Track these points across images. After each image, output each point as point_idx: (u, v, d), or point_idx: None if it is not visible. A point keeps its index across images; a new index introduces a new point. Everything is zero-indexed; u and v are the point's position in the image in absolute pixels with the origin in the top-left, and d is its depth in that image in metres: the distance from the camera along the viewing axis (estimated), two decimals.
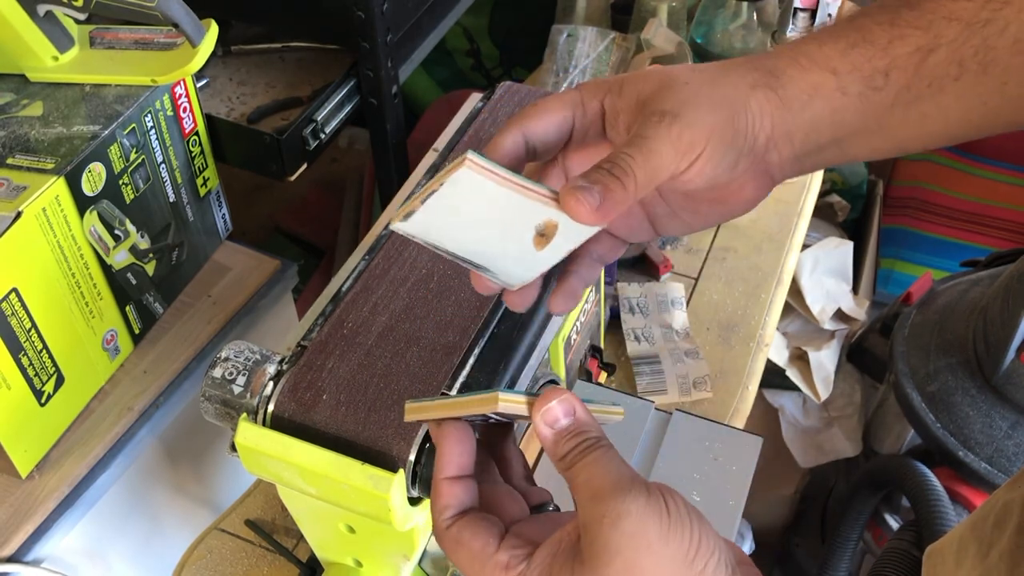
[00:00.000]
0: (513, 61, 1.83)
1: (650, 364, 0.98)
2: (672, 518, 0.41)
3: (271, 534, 0.84)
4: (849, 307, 1.60)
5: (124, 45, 1.01)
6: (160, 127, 1.00)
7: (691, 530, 0.41)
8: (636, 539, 0.40)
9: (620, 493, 0.41)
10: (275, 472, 0.60)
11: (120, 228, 0.97)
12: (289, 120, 1.18)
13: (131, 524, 1.05)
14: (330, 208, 1.81)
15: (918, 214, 1.86)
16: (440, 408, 0.46)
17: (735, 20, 1.26)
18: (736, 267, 1.09)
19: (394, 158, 1.30)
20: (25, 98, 0.97)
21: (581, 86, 0.50)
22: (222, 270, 1.14)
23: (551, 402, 0.44)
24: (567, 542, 0.42)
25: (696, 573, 0.40)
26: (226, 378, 0.62)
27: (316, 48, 1.29)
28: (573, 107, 0.49)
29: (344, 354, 0.62)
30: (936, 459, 1.30)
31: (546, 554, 0.43)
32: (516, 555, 0.43)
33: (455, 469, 0.46)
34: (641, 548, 0.40)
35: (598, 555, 0.40)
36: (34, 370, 0.88)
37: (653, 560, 0.40)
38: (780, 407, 1.63)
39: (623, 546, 0.40)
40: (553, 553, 0.42)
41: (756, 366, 0.99)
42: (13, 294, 0.84)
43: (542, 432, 0.44)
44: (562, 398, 0.44)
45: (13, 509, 0.91)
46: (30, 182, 0.86)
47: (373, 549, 0.68)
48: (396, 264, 0.68)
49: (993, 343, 1.23)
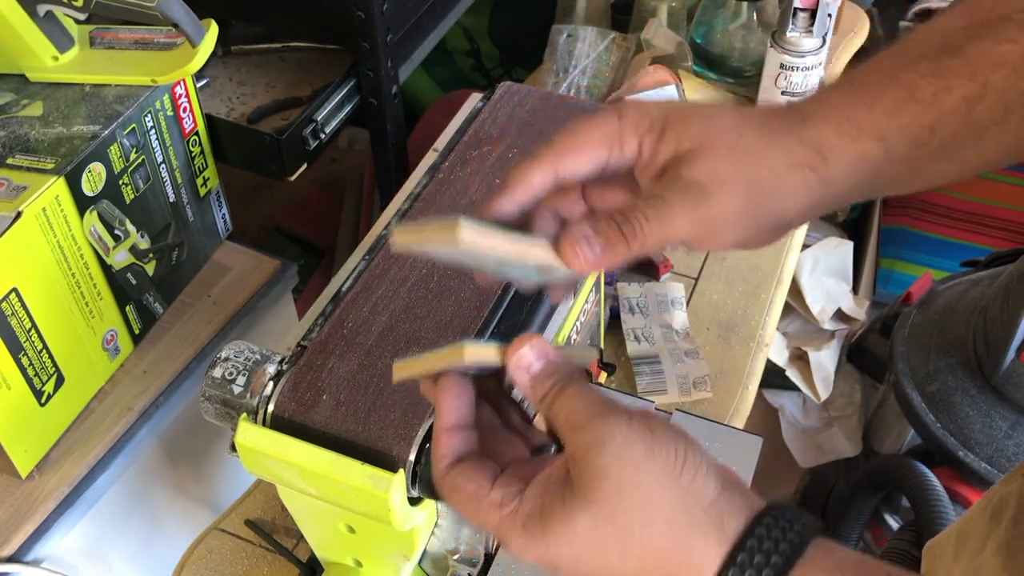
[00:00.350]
0: (513, 61, 1.83)
1: (650, 364, 0.98)
2: (656, 435, 0.41)
3: (271, 534, 0.84)
4: (849, 307, 1.60)
5: (124, 45, 1.01)
6: (160, 127, 1.00)
7: (676, 445, 0.41)
8: (622, 459, 0.40)
9: (601, 419, 0.41)
10: (275, 472, 0.60)
11: (120, 228, 0.97)
12: (289, 120, 1.18)
13: (131, 524, 1.05)
14: (330, 208, 1.81)
15: (918, 214, 1.86)
16: (418, 364, 0.47)
17: (735, 20, 1.26)
18: (736, 267, 1.09)
19: (394, 158, 1.30)
20: (25, 98, 0.97)
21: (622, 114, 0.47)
22: (222, 270, 1.14)
23: (523, 347, 0.44)
24: (557, 475, 0.43)
25: (684, 486, 0.40)
26: (226, 378, 0.62)
27: (316, 48, 1.29)
28: (610, 145, 0.46)
29: (344, 354, 0.62)
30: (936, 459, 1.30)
31: (537, 488, 0.43)
32: (509, 492, 0.44)
33: (454, 419, 0.47)
34: (628, 467, 0.40)
35: (587, 481, 0.41)
36: (34, 370, 0.88)
37: (641, 476, 0.40)
38: (780, 407, 1.63)
39: (610, 467, 0.40)
40: (544, 486, 0.43)
41: (756, 366, 0.99)
42: (13, 294, 0.84)
43: (519, 378, 0.45)
44: (533, 343, 0.44)
45: (13, 509, 0.91)
46: (30, 182, 0.86)
47: (373, 549, 0.68)
48: (396, 264, 0.68)
49: (993, 343, 1.23)
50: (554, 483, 0.43)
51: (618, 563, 0.41)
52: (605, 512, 0.40)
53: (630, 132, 0.46)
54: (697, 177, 0.44)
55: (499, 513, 0.43)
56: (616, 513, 0.40)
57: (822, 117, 0.46)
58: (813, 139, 0.45)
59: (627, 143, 0.46)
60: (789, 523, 0.40)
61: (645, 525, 0.40)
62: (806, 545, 0.40)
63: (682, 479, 0.40)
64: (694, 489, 0.40)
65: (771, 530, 0.40)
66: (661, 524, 0.40)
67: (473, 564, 0.70)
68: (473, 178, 0.75)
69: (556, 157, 0.46)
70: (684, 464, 0.41)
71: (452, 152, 0.78)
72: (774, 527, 0.40)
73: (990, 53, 0.44)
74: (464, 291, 0.66)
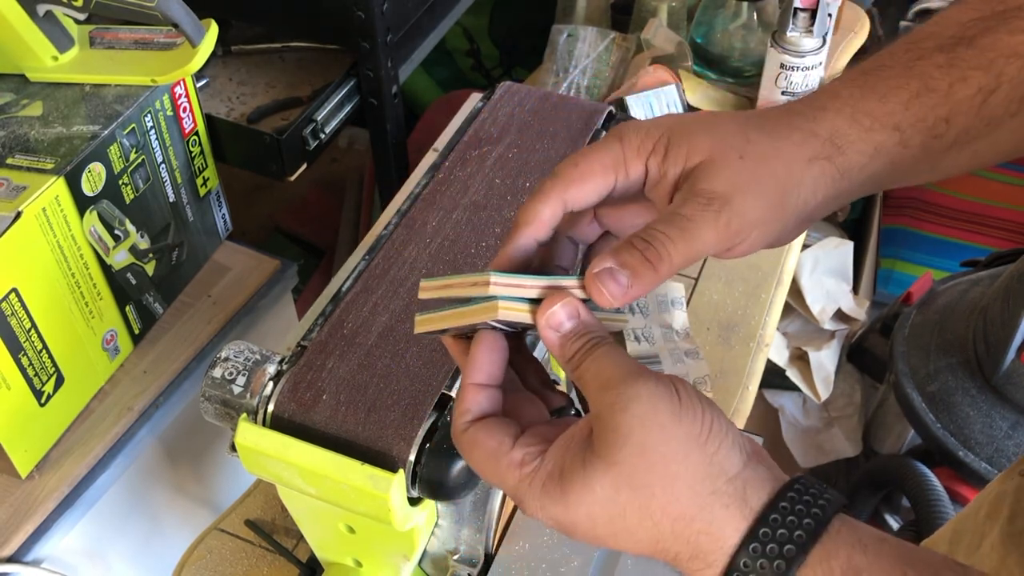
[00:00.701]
0: (513, 61, 1.83)
1: (650, 364, 0.98)
2: (683, 400, 0.40)
3: (271, 534, 0.84)
4: (849, 307, 1.60)
5: (124, 45, 1.01)
6: (160, 127, 1.00)
7: (703, 412, 0.40)
8: (647, 422, 0.39)
9: (629, 379, 0.40)
10: (275, 472, 0.60)
11: (120, 228, 0.97)
12: (289, 120, 1.18)
13: (131, 524, 1.05)
14: (330, 208, 1.81)
15: (918, 214, 1.86)
16: (445, 319, 0.46)
17: (735, 20, 1.26)
18: (736, 267, 1.09)
19: (394, 158, 1.30)
20: (25, 98, 0.97)
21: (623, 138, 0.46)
22: (222, 270, 1.14)
23: (555, 306, 0.43)
24: (579, 436, 0.42)
25: (709, 454, 0.40)
26: (226, 378, 0.62)
27: (316, 48, 1.29)
28: (616, 170, 0.46)
29: (344, 354, 0.62)
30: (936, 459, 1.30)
31: (558, 449, 0.42)
32: (530, 452, 0.43)
33: (484, 377, 0.46)
34: (653, 429, 0.39)
35: (609, 442, 0.40)
36: (34, 370, 0.88)
37: (665, 440, 0.39)
38: (780, 407, 1.63)
39: (634, 428, 0.39)
40: (565, 447, 0.42)
41: (756, 366, 0.99)
42: (13, 294, 0.84)
43: (548, 336, 0.44)
44: (565, 301, 0.43)
45: (13, 509, 0.91)
46: (30, 182, 0.86)
47: (373, 549, 0.68)
48: (396, 264, 0.68)
49: (993, 343, 1.23)
50: (576, 444, 0.42)
51: (635, 526, 0.40)
52: (625, 474, 0.40)
53: (633, 156, 0.46)
54: (715, 188, 0.43)
55: (519, 472, 0.43)
56: (636, 475, 0.39)
57: (834, 110, 0.46)
58: (826, 131, 0.45)
59: (632, 167, 0.46)
60: (813, 497, 0.39)
61: (666, 490, 0.39)
62: (830, 520, 0.39)
63: (707, 447, 0.40)
64: (719, 458, 0.40)
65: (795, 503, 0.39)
66: (683, 490, 0.39)
67: (473, 564, 0.70)
68: (473, 178, 0.75)
69: (563, 189, 0.46)
70: (710, 432, 0.40)
71: (452, 152, 0.77)
72: (798, 501, 0.39)
73: (1004, 44, 0.45)
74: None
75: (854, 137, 0.45)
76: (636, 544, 0.41)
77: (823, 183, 0.45)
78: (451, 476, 0.57)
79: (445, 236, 0.70)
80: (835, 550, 0.38)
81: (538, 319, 0.44)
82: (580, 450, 0.41)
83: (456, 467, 0.57)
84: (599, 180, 0.46)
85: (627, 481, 0.40)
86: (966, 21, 0.46)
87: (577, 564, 0.72)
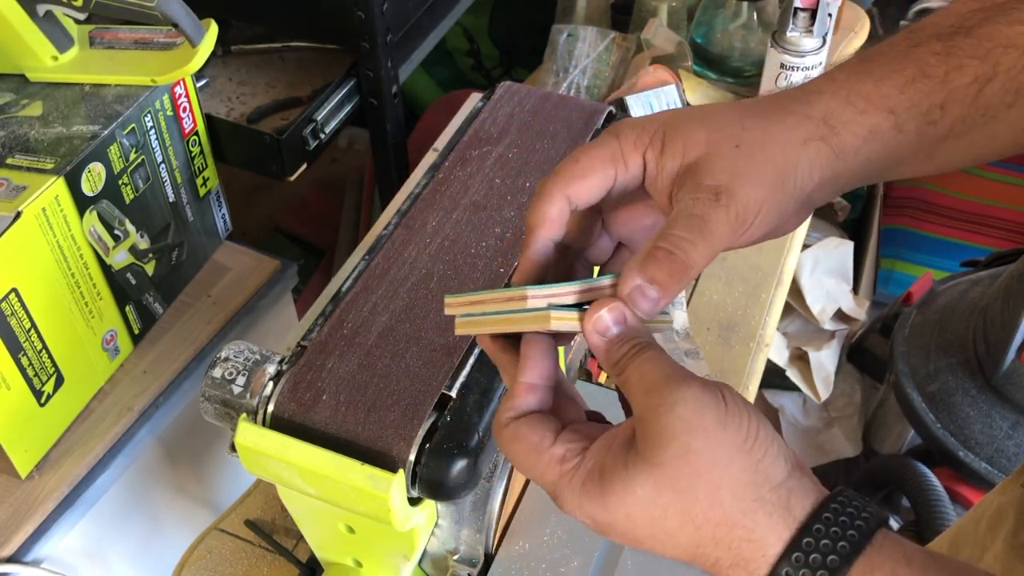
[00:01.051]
0: (513, 61, 1.83)
1: None
2: (729, 406, 0.40)
3: (271, 534, 0.84)
4: (849, 307, 1.60)
5: (124, 45, 1.01)
6: (160, 127, 1.00)
7: (749, 419, 0.40)
8: (692, 425, 0.39)
9: (674, 383, 0.40)
10: (275, 472, 0.60)
11: (120, 228, 0.97)
12: (289, 120, 1.18)
13: (131, 524, 1.05)
14: (330, 208, 1.81)
15: (918, 214, 1.86)
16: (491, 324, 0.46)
17: (735, 20, 1.26)
18: (736, 267, 1.09)
19: (394, 158, 1.30)
20: (25, 98, 0.97)
21: (619, 134, 0.47)
22: (222, 270, 1.14)
23: (601, 311, 0.43)
24: (622, 436, 0.42)
25: (755, 461, 0.39)
26: (226, 378, 0.62)
27: (316, 48, 1.29)
28: (615, 164, 0.46)
29: (344, 354, 0.62)
30: (936, 459, 1.30)
31: (600, 447, 0.42)
32: (572, 448, 0.43)
33: (537, 377, 0.46)
34: (697, 432, 0.39)
35: (653, 443, 0.40)
36: (34, 370, 0.88)
37: (709, 445, 0.39)
38: (780, 407, 1.63)
39: (678, 431, 0.39)
40: (607, 446, 0.42)
41: (756, 366, 0.99)
42: (13, 294, 0.84)
43: (594, 341, 0.44)
44: (612, 306, 0.43)
45: (13, 509, 0.91)
46: (30, 182, 0.86)
47: (373, 549, 0.68)
48: (396, 264, 0.68)
49: (993, 343, 1.23)
50: (618, 444, 0.41)
51: (676, 529, 0.40)
52: (669, 476, 0.39)
53: (631, 149, 0.46)
54: (718, 181, 0.44)
55: (559, 468, 0.42)
56: (680, 478, 0.39)
57: (829, 92, 0.46)
58: (820, 112, 0.45)
59: (630, 160, 0.46)
60: (856, 510, 0.39)
61: (709, 495, 0.39)
62: (873, 533, 0.38)
63: (752, 454, 0.39)
64: (764, 466, 0.39)
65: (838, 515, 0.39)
66: (727, 496, 0.39)
67: (473, 564, 0.70)
68: (473, 178, 0.75)
69: (565, 185, 0.46)
70: (756, 439, 0.40)
71: (452, 152, 0.77)
72: (841, 513, 0.39)
73: (1001, 34, 0.45)
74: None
75: (848, 118, 0.45)
76: (675, 548, 0.41)
77: (819, 164, 0.45)
78: (451, 476, 0.57)
79: (445, 236, 0.70)
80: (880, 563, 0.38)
81: (585, 324, 0.44)
82: (622, 451, 0.41)
83: (456, 467, 0.57)
84: (599, 174, 0.46)
85: (670, 484, 0.39)
86: (965, 12, 0.46)
87: (577, 564, 0.72)
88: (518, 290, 0.44)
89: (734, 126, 0.45)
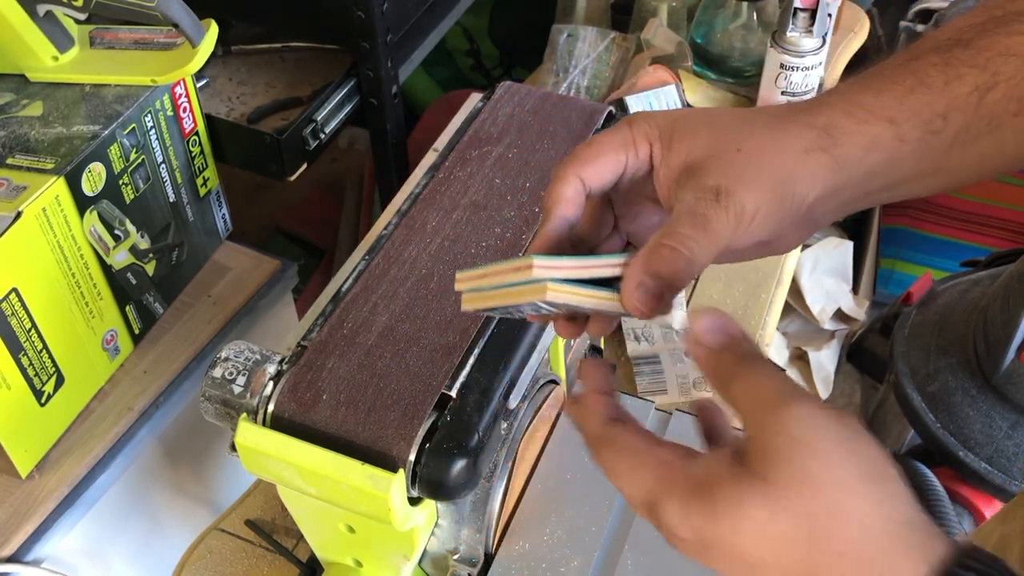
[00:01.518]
0: (513, 61, 1.83)
1: (650, 364, 0.98)
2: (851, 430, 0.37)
3: (271, 534, 0.84)
4: (849, 307, 1.60)
5: (124, 45, 1.01)
6: (160, 127, 1.00)
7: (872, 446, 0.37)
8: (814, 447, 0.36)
9: (792, 401, 0.38)
10: (275, 472, 0.60)
11: (120, 228, 0.97)
12: (289, 120, 1.18)
13: (131, 524, 1.05)
14: (330, 208, 1.81)
15: (918, 214, 1.86)
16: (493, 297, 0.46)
17: (735, 20, 1.26)
18: (736, 267, 1.09)
19: (394, 158, 1.30)
20: (25, 98, 0.97)
21: (632, 123, 0.48)
22: (222, 270, 1.14)
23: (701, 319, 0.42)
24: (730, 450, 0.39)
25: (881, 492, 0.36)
26: (226, 378, 0.62)
27: (316, 48, 1.29)
28: (626, 150, 0.48)
29: (344, 354, 0.62)
30: (936, 459, 1.30)
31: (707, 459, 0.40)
32: (678, 453, 0.41)
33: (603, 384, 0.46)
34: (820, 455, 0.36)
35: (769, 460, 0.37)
36: (34, 370, 0.88)
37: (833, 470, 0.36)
38: None
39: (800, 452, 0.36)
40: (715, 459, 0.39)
41: None
42: (13, 294, 0.84)
43: (695, 351, 0.42)
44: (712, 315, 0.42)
45: (13, 509, 0.91)
46: (30, 182, 0.86)
47: (373, 549, 0.68)
48: (396, 264, 0.69)
49: (993, 343, 1.23)
50: (726, 458, 0.39)
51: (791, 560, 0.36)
52: (785, 498, 0.36)
53: (641, 138, 0.48)
54: (721, 182, 0.44)
55: (663, 472, 0.40)
56: (798, 502, 0.36)
57: (830, 104, 0.47)
58: (822, 123, 0.46)
59: (640, 148, 0.48)
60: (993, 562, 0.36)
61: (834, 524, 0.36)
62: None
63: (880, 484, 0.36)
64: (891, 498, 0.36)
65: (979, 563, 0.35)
66: (855, 528, 0.36)
67: (473, 564, 0.70)
68: (473, 178, 0.75)
69: (579, 167, 0.47)
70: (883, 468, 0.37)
71: (452, 152, 0.78)
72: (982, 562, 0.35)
73: (1000, 44, 0.45)
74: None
75: (849, 129, 0.46)
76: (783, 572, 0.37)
77: (820, 174, 0.45)
78: (451, 476, 0.57)
79: (445, 236, 0.70)
80: None
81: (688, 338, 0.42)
82: (731, 464, 0.38)
83: (456, 467, 0.57)
84: (611, 158, 0.48)
85: (785, 507, 0.36)
86: (964, 27, 0.47)
87: (577, 564, 0.72)
88: (525, 259, 0.44)
89: (738, 131, 0.46)
